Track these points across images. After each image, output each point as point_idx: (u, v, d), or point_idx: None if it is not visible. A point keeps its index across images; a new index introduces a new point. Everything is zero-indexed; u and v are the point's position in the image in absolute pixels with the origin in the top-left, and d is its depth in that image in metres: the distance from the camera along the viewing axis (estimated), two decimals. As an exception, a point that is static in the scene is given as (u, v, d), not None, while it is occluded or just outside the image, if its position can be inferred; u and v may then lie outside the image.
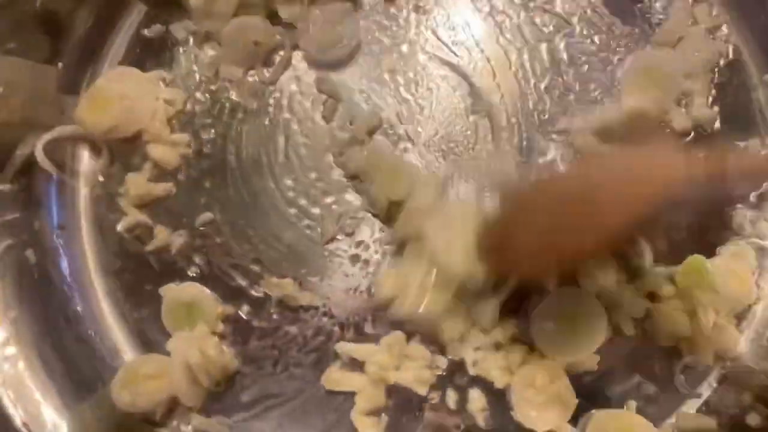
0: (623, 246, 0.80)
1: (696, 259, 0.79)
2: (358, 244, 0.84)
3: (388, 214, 0.83)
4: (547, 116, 0.86)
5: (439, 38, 0.88)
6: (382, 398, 0.80)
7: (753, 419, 0.77)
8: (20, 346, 0.80)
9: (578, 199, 0.69)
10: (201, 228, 0.84)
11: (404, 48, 0.88)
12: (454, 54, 0.87)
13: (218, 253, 0.84)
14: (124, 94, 0.84)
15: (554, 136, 0.85)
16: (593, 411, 0.78)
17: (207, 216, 0.84)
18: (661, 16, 0.88)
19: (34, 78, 0.83)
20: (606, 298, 0.79)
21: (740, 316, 0.82)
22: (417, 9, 0.89)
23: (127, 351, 0.84)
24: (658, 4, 0.88)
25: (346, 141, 0.86)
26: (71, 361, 0.82)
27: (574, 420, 0.78)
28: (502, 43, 0.88)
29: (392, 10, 0.88)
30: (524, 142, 0.85)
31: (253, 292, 0.83)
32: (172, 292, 0.83)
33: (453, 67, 0.87)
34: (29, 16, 0.82)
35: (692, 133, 0.85)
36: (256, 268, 0.84)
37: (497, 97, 0.86)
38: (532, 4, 0.88)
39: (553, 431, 0.78)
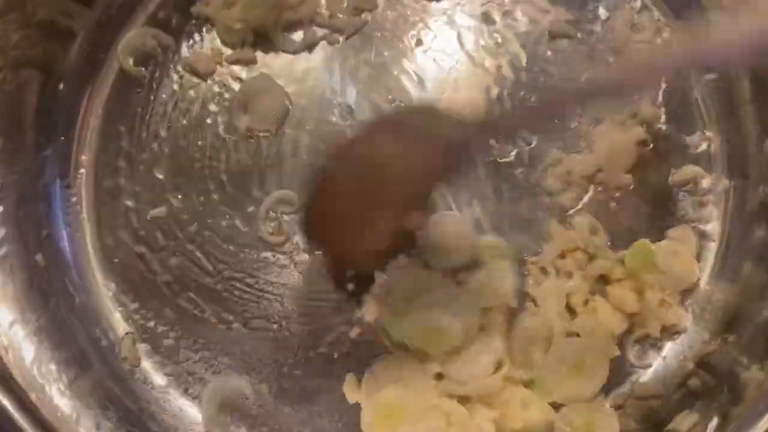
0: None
1: (641, 243, 0.85)
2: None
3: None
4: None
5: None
6: None
7: (693, 383, 0.84)
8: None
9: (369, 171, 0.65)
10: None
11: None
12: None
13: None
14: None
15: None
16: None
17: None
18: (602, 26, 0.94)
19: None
20: None
21: (685, 294, 0.88)
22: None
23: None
24: (601, 12, 0.94)
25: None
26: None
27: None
28: (468, 55, 0.94)
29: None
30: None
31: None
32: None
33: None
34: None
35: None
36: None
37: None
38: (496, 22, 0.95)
39: None
